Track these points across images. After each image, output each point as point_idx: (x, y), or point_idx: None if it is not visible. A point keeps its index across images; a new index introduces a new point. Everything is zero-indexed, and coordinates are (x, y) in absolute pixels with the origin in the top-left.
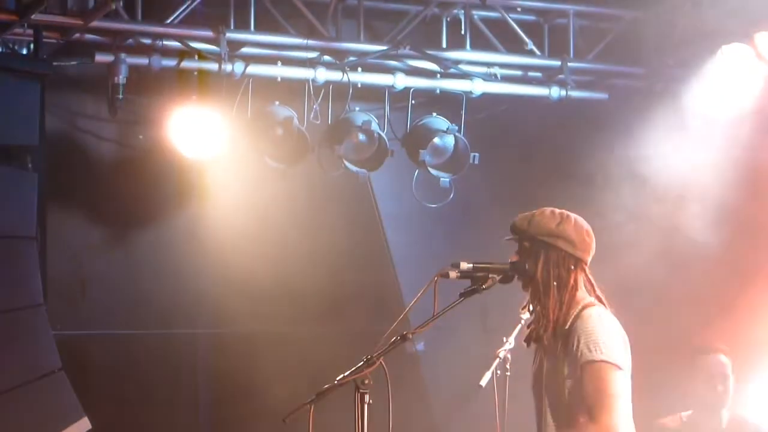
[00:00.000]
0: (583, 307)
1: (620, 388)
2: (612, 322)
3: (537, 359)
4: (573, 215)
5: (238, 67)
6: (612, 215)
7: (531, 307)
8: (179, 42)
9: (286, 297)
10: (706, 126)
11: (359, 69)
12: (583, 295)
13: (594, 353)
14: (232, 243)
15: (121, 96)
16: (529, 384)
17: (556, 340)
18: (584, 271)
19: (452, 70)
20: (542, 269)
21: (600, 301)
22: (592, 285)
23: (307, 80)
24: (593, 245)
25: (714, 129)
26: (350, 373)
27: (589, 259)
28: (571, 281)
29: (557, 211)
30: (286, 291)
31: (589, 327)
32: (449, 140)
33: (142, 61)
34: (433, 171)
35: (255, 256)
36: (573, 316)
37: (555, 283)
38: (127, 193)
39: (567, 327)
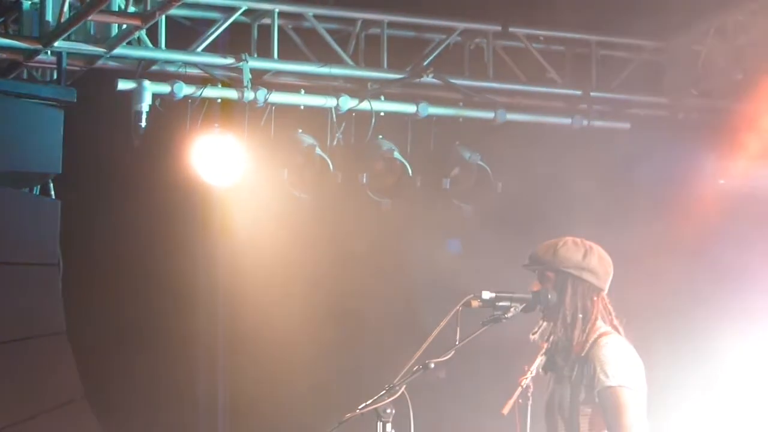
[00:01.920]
0: (600, 335)
1: (638, 412)
2: (628, 349)
3: (550, 387)
4: (595, 246)
5: (261, 94)
6: (632, 245)
7: (543, 334)
8: (202, 70)
9: (308, 323)
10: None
11: (382, 97)
12: (600, 323)
13: (611, 379)
14: (253, 271)
15: (143, 123)
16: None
17: (571, 367)
18: (603, 299)
19: (475, 99)
20: (570, 301)
21: (616, 330)
22: (609, 314)
23: (330, 108)
24: (612, 275)
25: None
26: (372, 402)
27: (607, 288)
28: (595, 312)
29: (579, 241)
30: (307, 317)
31: (605, 354)
32: (472, 169)
33: (165, 88)
34: (455, 200)
35: (277, 283)
36: (590, 344)
37: (581, 315)
38: (150, 220)
39: (583, 354)
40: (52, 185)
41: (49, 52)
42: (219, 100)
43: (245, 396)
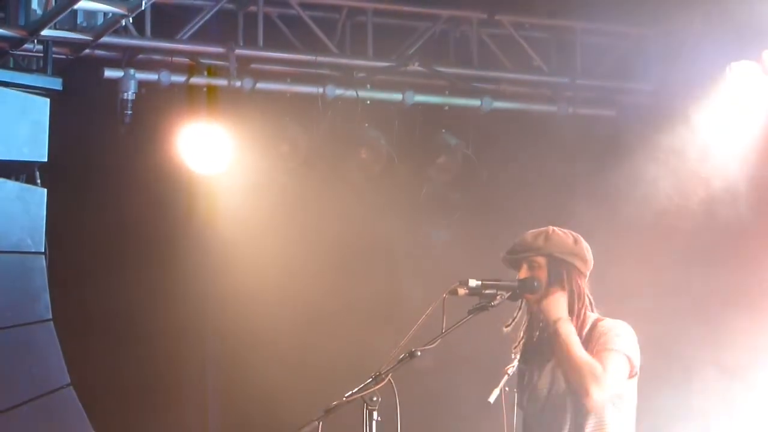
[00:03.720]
0: (596, 320)
1: (623, 374)
2: (629, 328)
3: (542, 378)
4: (578, 235)
5: (247, 83)
6: (617, 231)
7: (517, 326)
8: (189, 58)
9: (295, 311)
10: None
11: (368, 85)
12: (588, 312)
13: (611, 344)
14: (240, 258)
15: (129, 112)
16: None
17: None
18: (586, 287)
19: (461, 87)
20: (567, 286)
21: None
22: (590, 302)
23: (317, 96)
24: (592, 264)
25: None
26: (358, 389)
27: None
28: (585, 298)
29: (565, 230)
30: (295, 304)
31: (607, 328)
32: (457, 157)
33: (152, 76)
34: (440, 187)
35: (264, 271)
36: (587, 328)
37: (577, 300)
38: (136, 209)
39: (582, 338)
40: (38, 174)
41: (35, 40)
42: (205, 89)
43: (234, 384)
